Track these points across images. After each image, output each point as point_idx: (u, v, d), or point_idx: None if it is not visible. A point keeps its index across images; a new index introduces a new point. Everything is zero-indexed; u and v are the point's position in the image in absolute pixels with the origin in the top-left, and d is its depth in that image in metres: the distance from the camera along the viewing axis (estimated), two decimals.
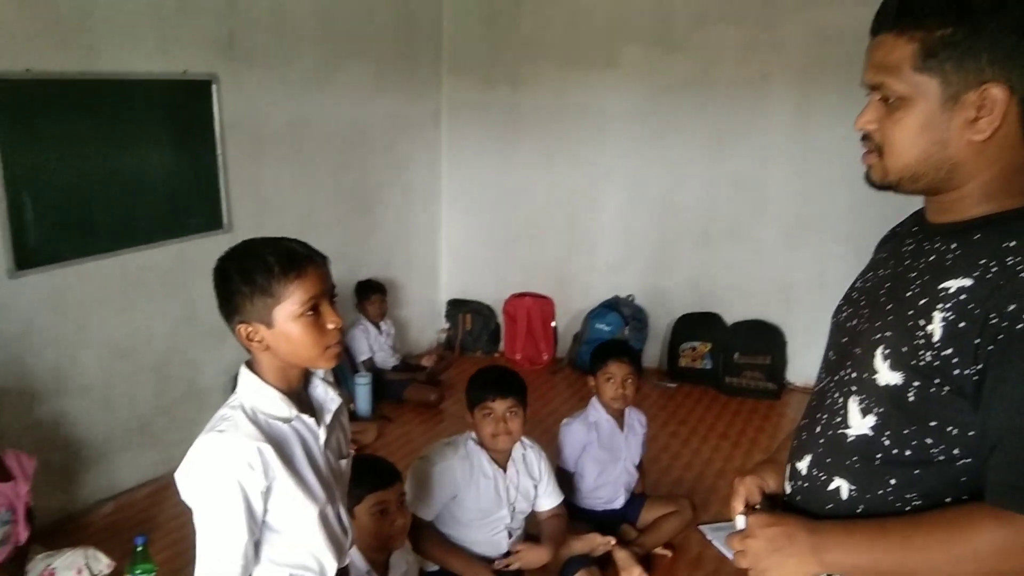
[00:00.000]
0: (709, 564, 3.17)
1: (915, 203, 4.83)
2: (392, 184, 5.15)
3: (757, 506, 1.36)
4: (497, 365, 2.93)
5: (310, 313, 1.48)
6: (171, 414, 3.82)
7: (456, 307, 5.69)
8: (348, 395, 4.48)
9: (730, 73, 4.90)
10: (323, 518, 1.56)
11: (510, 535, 2.72)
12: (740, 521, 1.31)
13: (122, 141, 3.44)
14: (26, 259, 3.10)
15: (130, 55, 3.42)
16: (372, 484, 2.21)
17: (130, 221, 3.53)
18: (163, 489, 3.70)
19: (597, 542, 2.94)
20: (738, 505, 1.40)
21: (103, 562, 2.83)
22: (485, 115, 5.47)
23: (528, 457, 2.79)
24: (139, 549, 2.69)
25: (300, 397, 1.58)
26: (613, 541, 2.96)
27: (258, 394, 1.52)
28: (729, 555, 3.11)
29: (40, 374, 3.24)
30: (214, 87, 3.76)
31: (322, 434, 1.57)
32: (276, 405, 1.52)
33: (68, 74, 3.18)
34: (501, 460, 2.70)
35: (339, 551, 1.61)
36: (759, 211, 5.02)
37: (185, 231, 3.76)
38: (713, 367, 5.04)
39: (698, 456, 4.13)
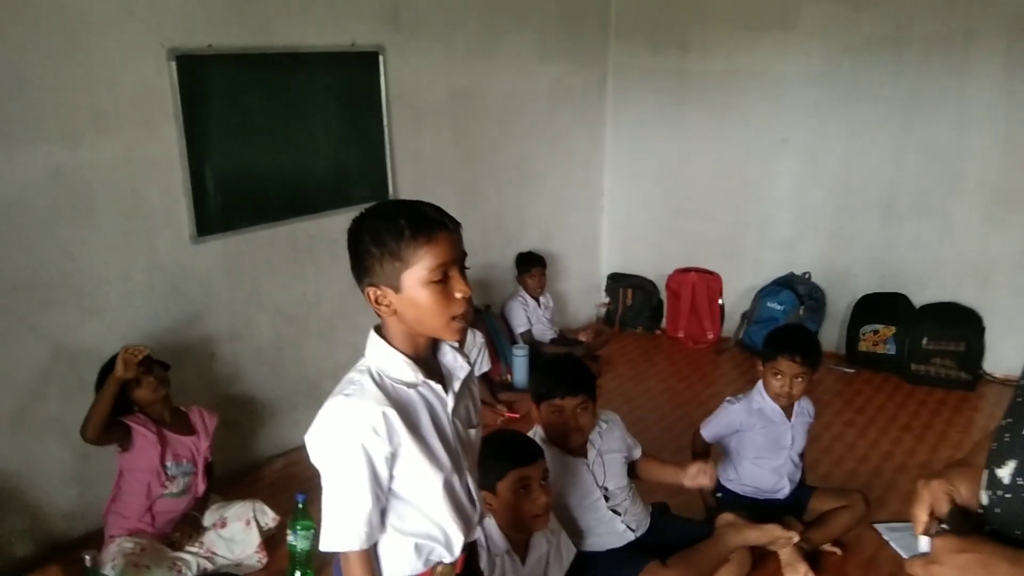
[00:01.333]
0: (884, 566, 2.90)
1: None
2: (553, 154, 5.07)
3: (943, 524, 1.15)
4: (566, 357, 2.71)
5: (439, 280, 1.43)
6: (336, 377, 3.86)
7: (617, 281, 5.55)
8: (506, 366, 4.48)
9: (927, 29, 4.43)
10: (448, 487, 1.51)
11: (619, 513, 2.59)
12: (924, 543, 1.12)
13: (294, 113, 3.55)
14: (205, 226, 3.28)
15: (302, 28, 3.52)
16: (515, 459, 2.15)
17: (300, 191, 3.66)
18: None
19: (777, 534, 2.69)
20: (921, 514, 1.20)
21: (269, 515, 2.98)
22: (652, 81, 5.26)
23: (605, 433, 2.64)
24: (300, 507, 2.79)
25: (428, 363, 1.54)
26: (796, 537, 2.71)
27: (385, 359, 1.49)
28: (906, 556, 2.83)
29: (218, 334, 3.44)
30: (381, 58, 3.82)
31: (450, 401, 1.53)
32: (402, 370, 1.49)
33: (246, 48, 3.31)
34: (576, 450, 2.57)
35: (466, 523, 1.56)
36: (953, 183, 4.54)
37: (351, 201, 3.85)
38: (897, 352, 4.62)
39: (876, 448, 3.80)
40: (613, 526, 2.61)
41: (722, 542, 2.67)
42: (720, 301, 5.23)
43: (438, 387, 1.51)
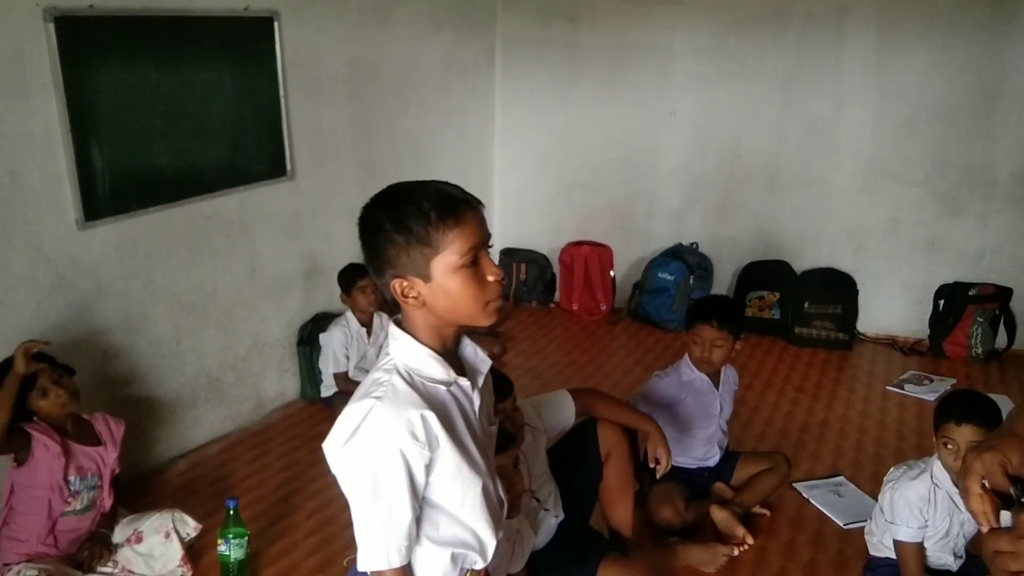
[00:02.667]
0: (810, 524, 3.04)
1: (1001, 145, 4.55)
2: (447, 128, 4.93)
3: (1020, 497, 1.16)
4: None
5: (470, 265, 1.32)
6: (237, 369, 3.69)
7: (510, 256, 5.51)
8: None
9: (806, 6, 4.63)
10: (485, 491, 1.42)
11: (547, 509, 2.56)
12: (1005, 517, 1.12)
13: (185, 83, 3.24)
14: (94, 210, 2.93)
15: None
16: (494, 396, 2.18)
17: (194, 168, 3.35)
18: (233, 446, 3.61)
19: (720, 552, 2.76)
20: (974, 486, 1.21)
21: (190, 525, 2.73)
22: (541, 53, 5.22)
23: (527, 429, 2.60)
24: (231, 513, 2.58)
25: (452, 358, 1.42)
26: (735, 552, 2.79)
27: (414, 355, 1.36)
28: (836, 519, 2.95)
29: (111, 328, 3.10)
30: (276, 24, 3.55)
31: (476, 398, 1.42)
32: (433, 367, 1.36)
33: (131, 10, 2.97)
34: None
35: (497, 525, 1.47)
36: (831, 154, 4.79)
37: (248, 178, 3.58)
38: (782, 317, 4.86)
39: (778, 410, 3.98)
40: (547, 521, 2.57)
41: (673, 558, 2.75)
42: (612, 273, 5.31)
43: (466, 384, 1.40)
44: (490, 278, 1.35)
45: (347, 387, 3.72)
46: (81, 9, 2.80)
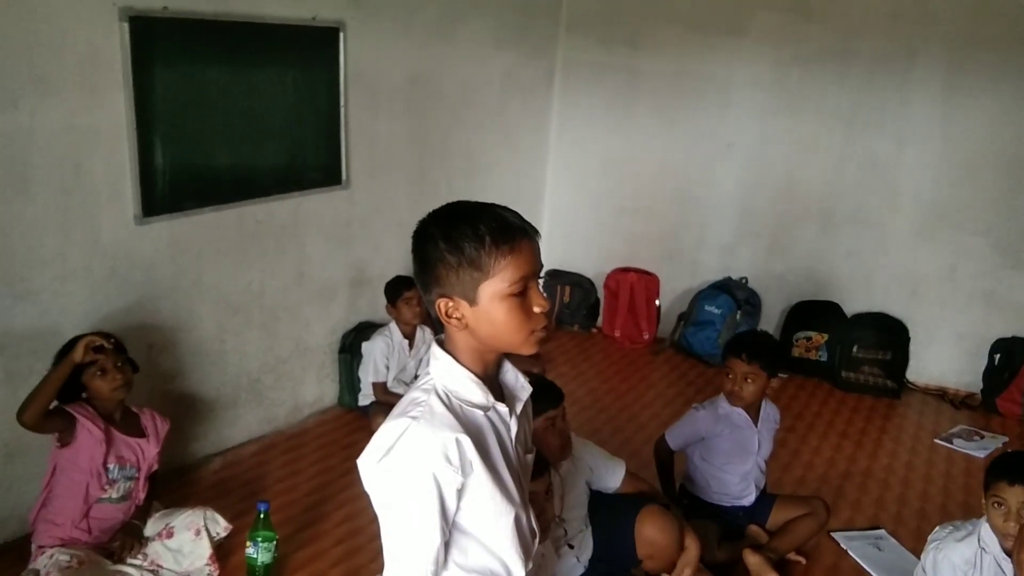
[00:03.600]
0: (846, 575, 2.95)
1: None
2: (501, 146, 4.95)
3: None
4: (535, 377, 2.63)
5: (518, 294, 1.30)
6: (278, 372, 3.72)
7: (555, 278, 5.48)
8: None
9: (872, 45, 4.55)
10: (517, 520, 1.39)
11: (571, 547, 2.54)
12: None
13: (250, 88, 3.29)
14: (152, 206, 2.99)
15: None
16: (547, 402, 2.40)
17: (251, 171, 3.40)
18: (268, 448, 3.63)
19: None
20: None
21: (221, 524, 2.75)
22: (600, 77, 5.21)
23: (571, 459, 2.61)
24: (261, 516, 2.59)
25: (492, 382, 1.40)
26: None
27: (453, 377, 1.34)
28: (875, 573, 2.86)
29: (158, 324, 3.15)
30: (341, 34, 3.60)
31: (514, 425, 1.40)
32: (472, 391, 1.34)
33: (203, 13, 3.03)
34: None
35: (527, 556, 1.44)
36: (889, 196, 4.69)
37: (302, 185, 3.63)
38: (829, 359, 4.76)
39: (819, 455, 3.88)
40: (567, 559, 2.54)
41: None
42: (657, 302, 5.25)
43: (504, 410, 1.38)
44: (536, 310, 1.32)
45: (385, 397, 3.72)
46: (155, 10, 2.87)
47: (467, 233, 1.29)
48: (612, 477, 2.72)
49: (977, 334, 4.56)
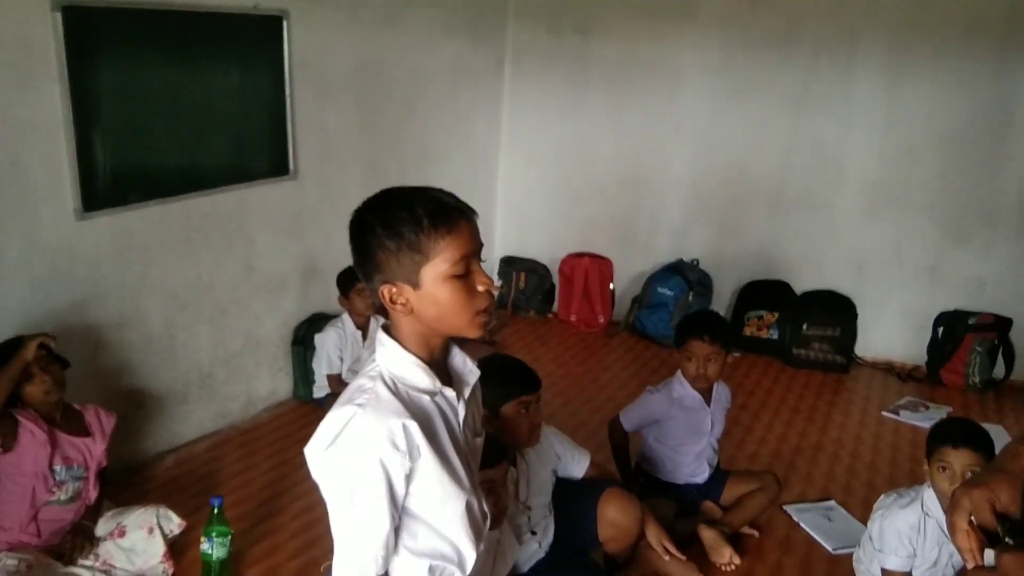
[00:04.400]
0: (799, 547, 3.02)
1: (1007, 175, 4.54)
2: (453, 134, 4.93)
3: (1006, 536, 1.14)
4: (507, 359, 2.62)
5: (461, 274, 1.30)
6: (230, 366, 3.68)
7: (510, 265, 5.50)
8: None
9: (817, 29, 4.63)
10: (468, 506, 1.40)
11: (534, 533, 2.56)
12: (989, 556, 1.10)
13: (192, 79, 3.24)
14: (93, 200, 2.93)
15: None
16: (524, 387, 2.42)
17: (196, 163, 3.34)
18: (222, 444, 3.59)
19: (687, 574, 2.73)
20: (961, 522, 1.20)
21: (174, 521, 2.71)
22: (550, 64, 5.22)
23: (539, 446, 2.62)
24: (215, 511, 2.56)
25: (439, 367, 1.40)
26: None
27: (399, 363, 1.35)
28: (825, 543, 2.93)
29: (104, 320, 3.09)
30: (285, 23, 3.55)
31: (461, 410, 1.41)
32: (419, 376, 1.35)
33: (139, 2, 2.97)
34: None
35: (478, 538, 1.46)
36: (836, 178, 4.78)
37: (249, 176, 3.58)
38: (780, 338, 4.84)
39: (771, 431, 3.96)
40: (530, 545, 2.56)
41: (650, 565, 2.72)
42: (611, 286, 5.29)
43: (452, 394, 1.38)
44: (480, 288, 1.33)
45: (340, 389, 3.68)
46: (89, 0, 2.80)
47: (404, 217, 1.29)
48: (578, 466, 2.75)
49: (921, 309, 4.68)
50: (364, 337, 3.85)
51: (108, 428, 2.70)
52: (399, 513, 1.33)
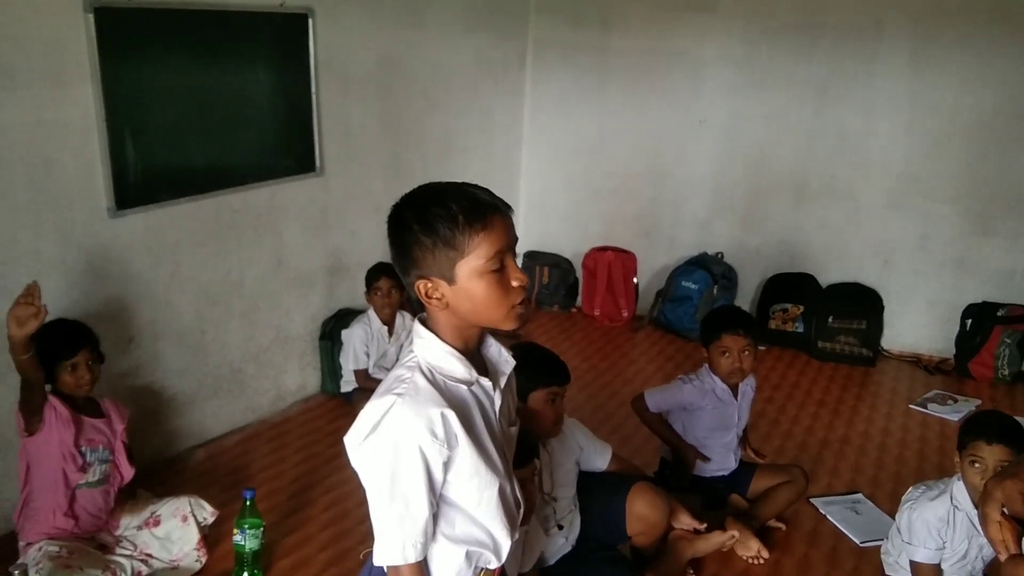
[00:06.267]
0: (826, 540, 3.02)
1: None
2: (475, 129, 4.95)
3: None
4: (538, 348, 2.60)
5: (495, 269, 1.32)
6: (259, 361, 3.73)
7: (533, 259, 5.51)
8: None
9: (839, 18, 4.60)
10: (501, 492, 1.42)
11: (560, 527, 2.57)
12: None
13: (220, 77, 3.28)
14: (125, 199, 2.98)
15: None
16: (555, 378, 2.43)
17: (225, 161, 3.39)
18: (252, 438, 3.64)
19: (720, 540, 2.75)
20: (994, 512, 1.20)
21: (207, 510, 2.77)
22: (572, 58, 5.22)
23: (562, 437, 2.63)
24: (248, 504, 2.60)
25: (475, 357, 1.43)
26: (737, 535, 2.78)
27: (436, 354, 1.37)
28: (853, 536, 2.92)
29: (137, 316, 3.15)
30: (310, 20, 3.58)
31: (497, 399, 1.43)
32: (455, 367, 1.37)
33: (169, 3, 3.01)
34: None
35: (513, 526, 1.48)
36: (860, 168, 4.75)
37: (276, 173, 3.62)
38: (806, 331, 4.82)
39: (798, 424, 3.95)
40: (556, 539, 2.57)
41: (679, 556, 2.73)
42: (635, 280, 5.29)
43: (488, 384, 1.41)
44: (514, 283, 1.35)
45: (367, 384, 3.74)
46: (120, 1, 2.84)
47: (440, 214, 1.31)
48: (600, 458, 2.76)
49: (948, 300, 4.65)
50: (390, 333, 3.89)
51: (124, 414, 2.73)
52: (437, 500, 1.35)
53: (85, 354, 2.54)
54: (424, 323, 1.40)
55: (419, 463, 1.29)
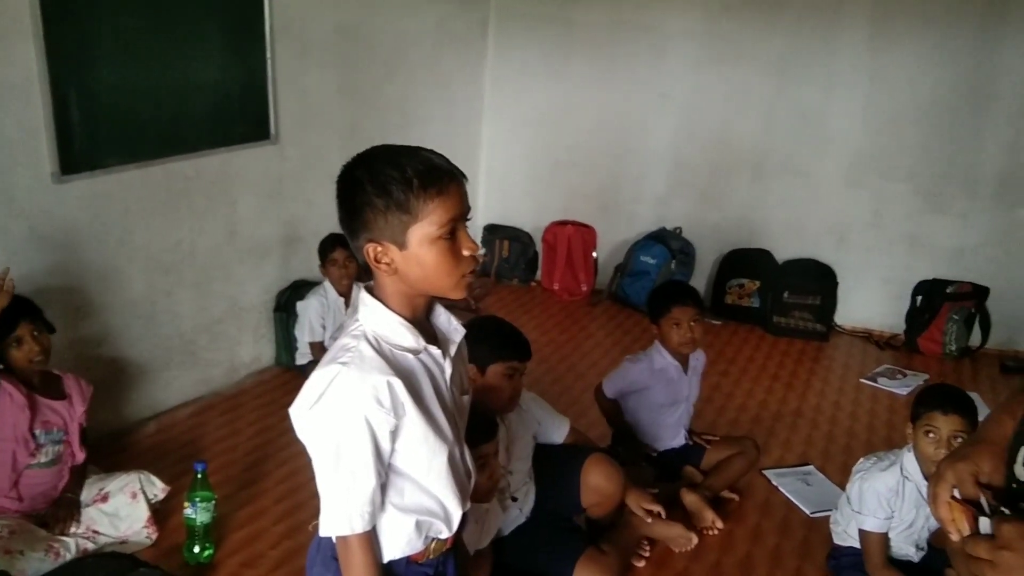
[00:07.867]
0: (778, 511, 3.07)
1: (987, 145, 4.56)
2: (435, 99, 4.88)
3: (1002, 508, 1.12)
4: (502, 323, 2.55)
5: (447, 237, 1.30)
6: (212, 332, 3.66)
7: (493, 232, 5.48)
8: None
9: None
10: (451, 460, 1.41)
11: (515, 499, 2.57)
12: (985, 524, 1.09)
13: (170, 38, 3.17)
14: (70, 163, 2.87)
15: None
16: (516, 353, 2.40)
17: (176, 127, 3.29)
18: (205, 410, 3.58)
19: (678, 534, 2.76)
20: (943, 494, 1.19)
21: (158, 486, 2.72)
22: (535, 29, 5.17)
23: (520, 411, 2.63)
24: (199, 476, 2.55)
25: (423, 326, 1.41)
26: (695, 541, 2.79)
27: (383, 322, 1.35)
28: (803, 507, 2.96)
29: (84, 286, 3.06)
30: None
31: (448, 367, 1.41)
32: (402, 335, 1.35)
33: None
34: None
35: (464, 495, 1.47)
36: (818, 146, 4.80)
37: (230, 140, 3.53)
38: (761, 306, 4.88)
39: (752, 397, 4.00)
40: (511, 512, 2.57)
41: (635, 530, 2.74)
42: (594, 254, 5.30)
43: (437, 352, 1.39)
44: (465, 252, 1.33)
45: (322, 356, 3.68)
46: None
47: (394, 176, 1.28)
48: (557, 432, 2.77)
49: (900, 277, 4.73)
50: (347, 305, 3.83)
51: (87, 394, 2.68)
52: (385, 470, 1.33)
53: (27, 325, 2.47)
54: (370, 291, 1.37)
55: (365, 432, 1.27)
